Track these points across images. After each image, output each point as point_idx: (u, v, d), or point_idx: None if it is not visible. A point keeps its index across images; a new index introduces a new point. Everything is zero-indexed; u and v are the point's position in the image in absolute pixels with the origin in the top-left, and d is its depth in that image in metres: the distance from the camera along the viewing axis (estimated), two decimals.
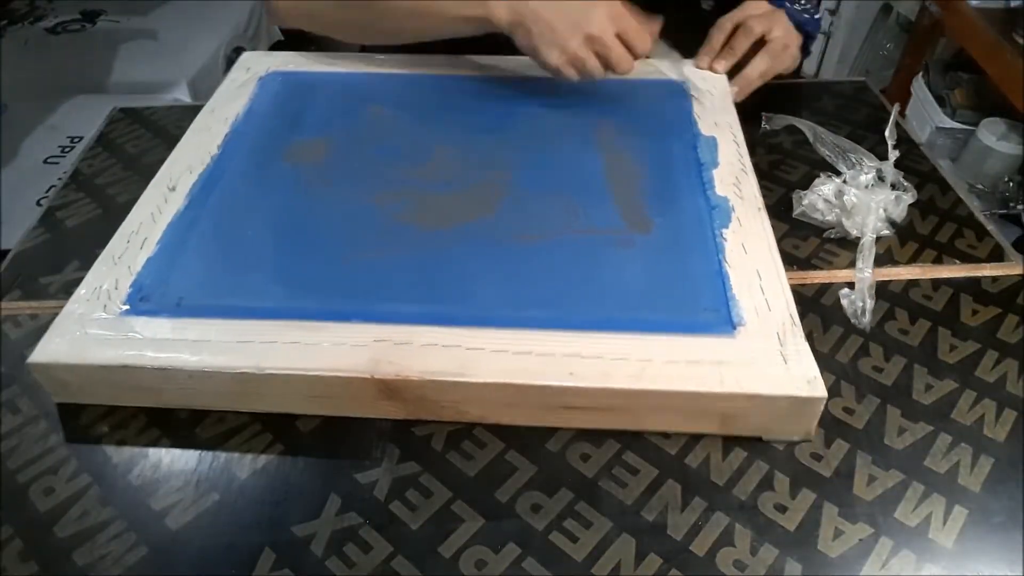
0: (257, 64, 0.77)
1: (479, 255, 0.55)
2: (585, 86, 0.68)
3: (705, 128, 0.67)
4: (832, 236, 0.62)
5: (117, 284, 0.52)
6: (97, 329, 0.49)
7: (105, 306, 0.51)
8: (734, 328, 0.49)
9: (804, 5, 0.75)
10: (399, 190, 0.62)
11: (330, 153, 0.66)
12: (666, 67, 0.76)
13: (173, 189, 0.61)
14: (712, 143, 0.65)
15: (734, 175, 0.61)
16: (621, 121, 0.69)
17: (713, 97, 0.71)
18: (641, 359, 0.46)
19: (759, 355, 0.47)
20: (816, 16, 0.76)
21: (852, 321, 0.55)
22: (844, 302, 0.56)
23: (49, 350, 0.48)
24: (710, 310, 0.50)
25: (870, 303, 0.55)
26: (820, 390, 0.45)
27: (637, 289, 0.52)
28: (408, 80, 0.75)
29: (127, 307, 0.51)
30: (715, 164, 0.63)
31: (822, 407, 0.46)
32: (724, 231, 0.56)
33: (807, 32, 0.75)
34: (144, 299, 0.52)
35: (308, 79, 0.75)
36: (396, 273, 0.54)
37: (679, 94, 0.72)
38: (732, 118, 0.68)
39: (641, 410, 0.47)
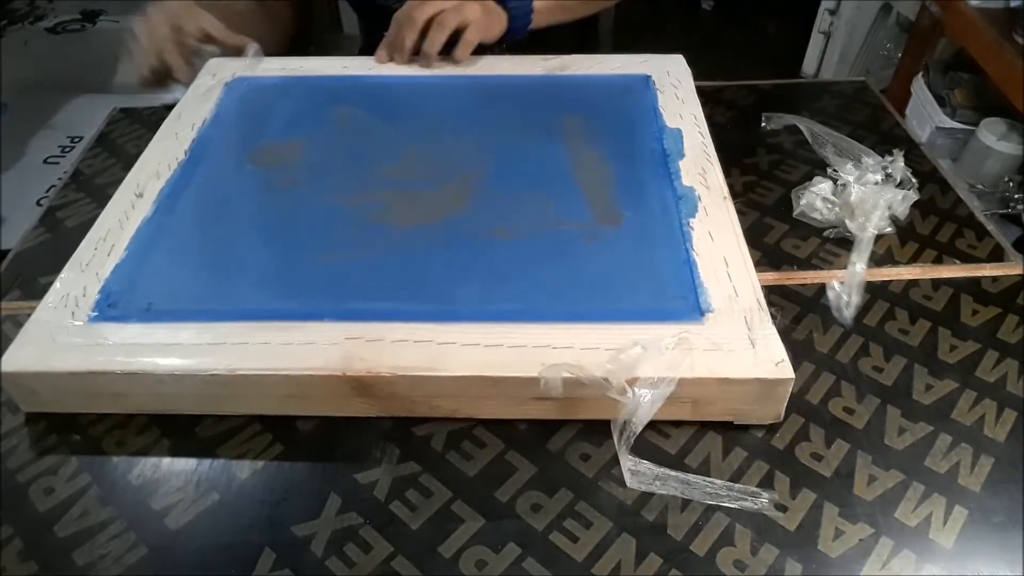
0: (223, 69, 0.77)
1: (451, 251, 0.56)
2: (549, 81, 0.69)
3: (670, 120, 0.68)
4: (832, 236, 0.62)
5: (85, 291, 0.52)
6: (65, 336, 0.49)
7: (73, 313, 0.51)
8: (703, 315, 0.49)
9: None
10: (370, 190, 0.62)
11: (298, 155, 0.66)
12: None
13: (140, 195, 0.61)
14: (677, 134, 0.66)
15: (700, 165, 0.62)
16: (587, 116, 0.70)
17: (677, 89, 0.72)
18: (611, 348, 0.47)
19: (728, 340, 0.48)
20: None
21: (834, 314, 0.55)
22: (830, 294, 0.56)
23: (17, 359, 0.48)
24: (679, 298, 0.51)
25: (856, 299, 0.55)
26: (788, 372, 0.46)
27: (607, 280, 0.53)
28: (374, 82, 0.76)
29: (95, 313, 0.51)
30: (681, 155, 0.64)
31: (790, 389, 0.46)
32: (691, 220, 0.57)
33: (510, 8, 0.76)
34: (112, 305, 0.51)
35: (274, 83, 0.76)
36: (368, 271, 0.54)
37: (644, 87, 0.73)
38: (696, 109, 0.69)
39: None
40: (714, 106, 0.78)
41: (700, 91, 0.72)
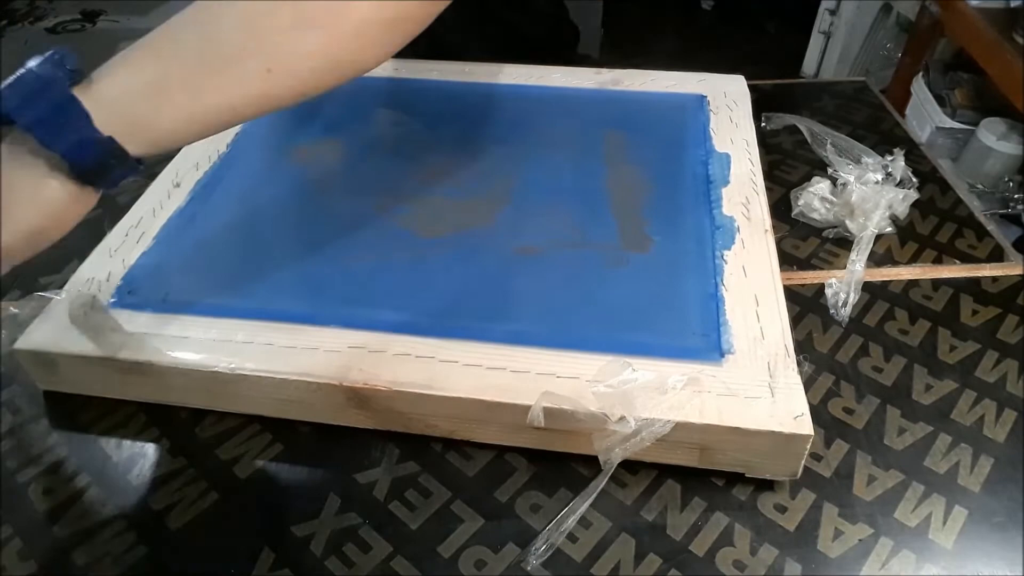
0: None
1: (467, 266, 0.55)
2: (599, 96, 0.67)
3: (720, 144, 0.65)
4: (831, 236, 0.62)
5: (110, 276, 0.53)
6: None
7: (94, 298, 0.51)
8: (722, 355, 0.46)
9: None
10: (401, 195, 0.61)
11: (336, 155, 0.66)
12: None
13: (178, 185, 0.61)
14: (725, 160, 0.63)
15: (744, 194, 0.59)
16: (633, 134, 0.67)
17: (732, 112, 0.69)
18: (613, 381, 0.44)
19: (745, 386, 0.44)
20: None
21: (831, 312, 0.56)
22: (828, 292, 0.56)
23: (35, 338, 0.49)
24: (699, 335, 0.48)
25: (853, 296, 0.55)
26: (806, 428, 0.42)
27: (625, 309, 0.50)
28: (421, 85, 0.75)
29: (114, 300, 0.51)
30: (725, 182, 0.60)
31: (807, 447, 0.43)
32: (725, 252, 0.54)
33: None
34: (132, 292, 0.52)
35: None
36: (383, 279, 0.54)
37: (697, 107, 0.70)
38: (750, 135, 0.66)
39: None
40: None
41: None
